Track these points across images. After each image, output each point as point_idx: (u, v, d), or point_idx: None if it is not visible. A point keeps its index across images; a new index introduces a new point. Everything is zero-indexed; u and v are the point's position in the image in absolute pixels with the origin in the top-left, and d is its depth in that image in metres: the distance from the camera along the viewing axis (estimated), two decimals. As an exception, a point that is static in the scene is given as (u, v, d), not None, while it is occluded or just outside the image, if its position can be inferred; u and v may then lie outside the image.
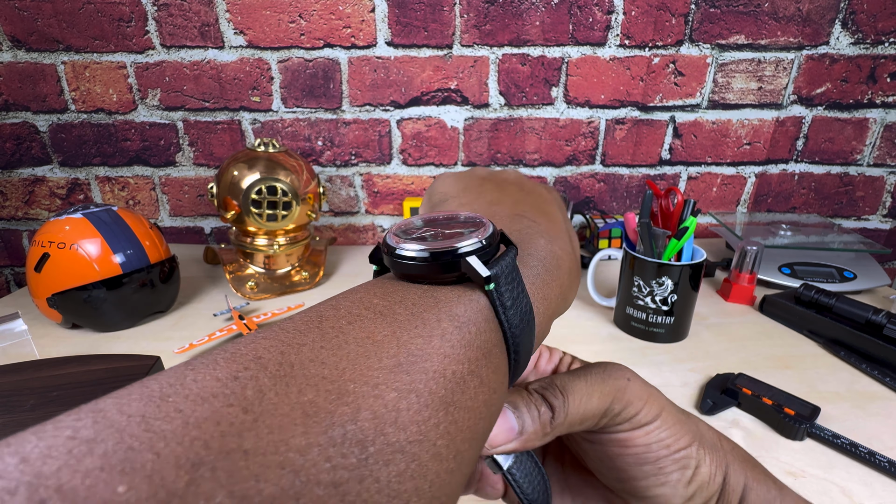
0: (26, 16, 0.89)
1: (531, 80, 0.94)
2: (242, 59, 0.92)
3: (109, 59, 0.92)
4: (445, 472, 0.15)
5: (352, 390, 0.14)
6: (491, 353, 0.19)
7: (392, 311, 0.18)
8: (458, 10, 0.90)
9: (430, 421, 0.15)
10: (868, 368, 0.61)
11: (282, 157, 0.81)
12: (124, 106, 0.95)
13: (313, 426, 0.12)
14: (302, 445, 0.11)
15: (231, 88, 0.94)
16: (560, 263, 0.23)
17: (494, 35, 0.91)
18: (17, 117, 0.95)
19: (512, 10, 0.90)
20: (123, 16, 0.90)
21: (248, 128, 0.97)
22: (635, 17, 0.91)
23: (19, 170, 0.99)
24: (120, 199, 1.03)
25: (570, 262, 0.24)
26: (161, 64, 0.92)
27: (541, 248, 0.23)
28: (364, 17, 0.90)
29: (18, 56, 0.92)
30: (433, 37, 0.91)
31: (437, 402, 0.15)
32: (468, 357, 0.17)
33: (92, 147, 0.98)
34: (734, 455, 0.26)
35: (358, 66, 0.93)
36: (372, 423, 0.13)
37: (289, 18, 0.90)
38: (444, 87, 0.95)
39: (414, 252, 0.20)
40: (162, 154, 0.99)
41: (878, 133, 0.99)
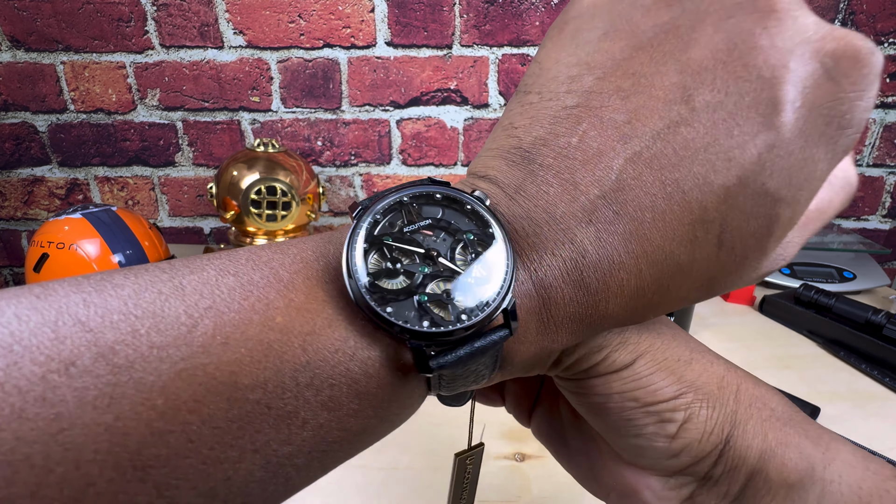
0: (25, 16, 0.89)
1: (531, 80, 0.94)
2: (242, 59, 0.92)
3: (109, 59, 0.92)
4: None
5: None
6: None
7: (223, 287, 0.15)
8: (457, 11, 0.90)
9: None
10: (867, 368, 0.61)
11: (281, 158, 0.81)
12: (123, 106, 0.95)
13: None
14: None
15: (230, 88, 0.94)
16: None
17: (494, 35, 0.91)
18: (17, 117, 0.95)
19: (511, 10, 0.90)
20: (123, 16, 0.90)
21: (247, 128, 0.97)
22: (635, 18, 0.91)
23: (18, 170, 0.99)
24: (119, 200, 1.03)
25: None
26: (160, 64, 0.92)
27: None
28: (364, 18, 0.90)
29: (18, 56, 0.91)
30: (433, 37, 0.91)
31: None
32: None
33: (91, 147, 0.98)
34: (752, 413, 0.22)
35: (357, 66, 0.93)
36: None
37: (288, 18, 0.90)
38: (443, 88, 0.95)
39: (357, 290, 0.16)
40: (161, 154, 0.99)
41: (877, 133, 0.99)
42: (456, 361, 0.16)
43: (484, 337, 0.17)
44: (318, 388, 0.15)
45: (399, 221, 0.18)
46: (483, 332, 0.17)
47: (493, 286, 0.17)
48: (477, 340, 0.17)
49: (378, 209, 0.18)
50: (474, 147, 0.99)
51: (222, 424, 0.14)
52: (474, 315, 0.16)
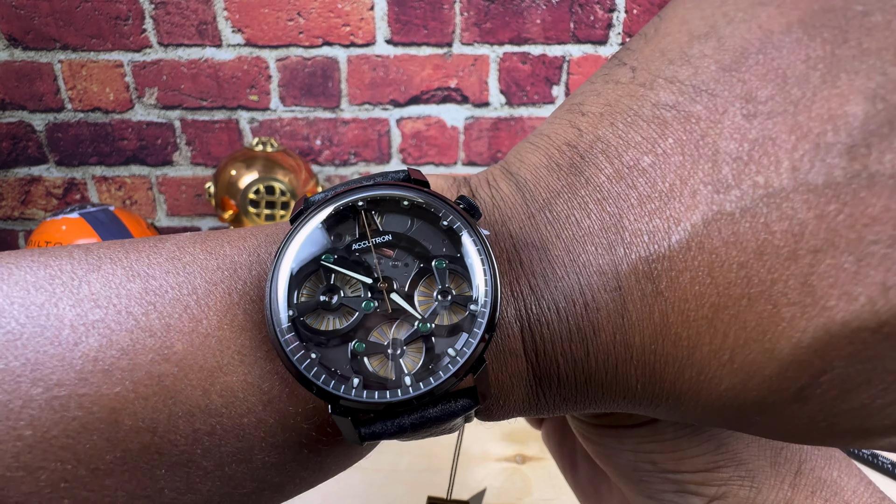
0: (23, 14, 0.89)
1: (532, 78, 0.94)
2: (240, 57, 0.92)
3: (106, 57, 0.91)
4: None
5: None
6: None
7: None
8: (458, 8, 0.89)
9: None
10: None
11: (280, 157, 0.81)
12: (121, 105, 0.95)
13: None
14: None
15: (229, 87, 0.94)
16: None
17: (495, 33, 0.91)
18: (13, 116, 0.95)
19: (512, 7, 0.89)
20: (121, 14, 0.89)
21: (245, 127, 0.97)
22: (637, 16, 0.90)
23: (15, 169, 0.98)
24: (117, 199, 1.02)
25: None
26: (158, 63, 0.92)
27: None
28: (363, 16, 0.89)
29: (15, 55, 0.91)
30: (433, 35, 0.91)
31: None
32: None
33: (89, 146, 0.97)
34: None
35: (357, 64, 0.92)
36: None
37: (287, 16, 0.90)
38: (443, 86, 0.94)
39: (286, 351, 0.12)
40: (159, 153, 0.98)
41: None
42: (396, 433, 0.13)
43: (440, 405, 0.13)
44: (222, 438, 0.12)
45: (349, 234, 0.14)
46: (440, 398, 0.13)
47: (460, 341, 0.12)
48: (429, 409, 0.13)
49: (325, 215, 0.14)
50: (475, 146, 0.98)
51: (102, 466, 0.11)
52: (424, 382, 0.12)
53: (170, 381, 0.12)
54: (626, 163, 0.13)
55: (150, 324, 0.12)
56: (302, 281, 0.13)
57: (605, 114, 0.14)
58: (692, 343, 0.12)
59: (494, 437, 0.51)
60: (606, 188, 0.13)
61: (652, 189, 0.12)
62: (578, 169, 0.13)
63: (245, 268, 0.14)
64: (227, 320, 0.13)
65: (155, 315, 0.12)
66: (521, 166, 0.15)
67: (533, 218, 0.14)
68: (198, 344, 0.12)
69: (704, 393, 0.12)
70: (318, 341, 0.13)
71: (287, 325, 0.12)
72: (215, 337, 0.13)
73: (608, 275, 0.13)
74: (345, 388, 0.12)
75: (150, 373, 0.12)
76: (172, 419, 0.12)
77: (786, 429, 0.13)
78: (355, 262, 0.13)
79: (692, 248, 0.12)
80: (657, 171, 0.12)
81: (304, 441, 0.13)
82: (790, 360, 0.11)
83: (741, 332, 0.12)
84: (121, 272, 0.13)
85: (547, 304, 0.13)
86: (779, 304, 0.11)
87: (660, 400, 0.13)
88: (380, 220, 0.14)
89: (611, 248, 0.13)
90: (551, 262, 0.13)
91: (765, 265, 0.11)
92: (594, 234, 0.13)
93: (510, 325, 0.13)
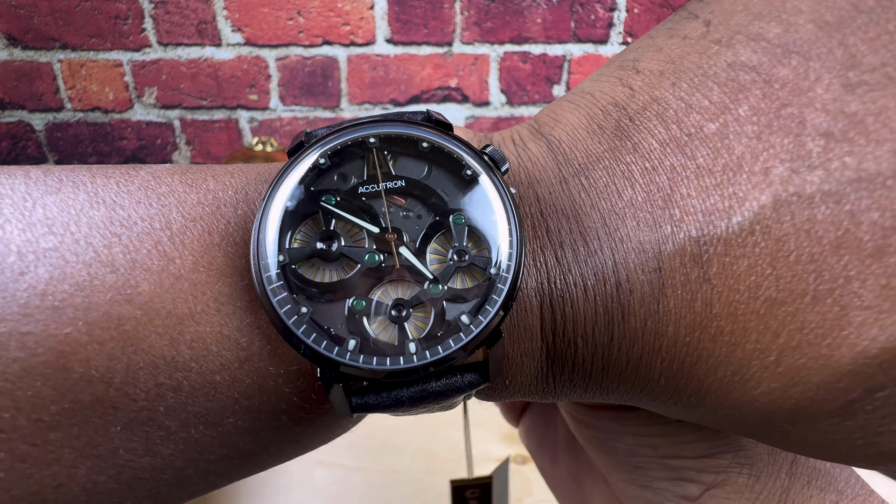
0: (23, 14, 0.88)
1: (533, 78, 0.94)
2: (240, 56, 0.92)
3: (106, 57, 0.91)
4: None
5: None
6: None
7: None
8: (458, 7, 0.89)
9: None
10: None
11: (280, 156, 0.80)
12: (121, 104, 0.95)
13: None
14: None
15: (228, 86, 0.93)
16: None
17: (495, 32, 0.91)
18: (13, 116, 0.95)
19: (513, 6, 0.89)
20: (120, 13, 0.89)
21: (245, 126, 0.96)
22: (638, 15, 0.90)
23: (15, 169, 0.98)
24: (117, 199, 1.02)
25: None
26: (158, 62, 0.92)
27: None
28: (363, 15, 0.89)
29: (14, 54, 0.91)
30: (433, 34, 0.90)
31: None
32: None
33: (88, 146, 0.97)
34: (811, 494, 0.16)
35: (357, 63, 0.92)
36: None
37: (287, 16, 0.89)
38: (444, 86, 0.94)
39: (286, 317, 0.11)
40: (158, 153, 0.98)
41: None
42: (391, 406, 0.11)
43: (444, 378, 0.11)
44: (189, 396, 0.11)
45: (356, 174, 0.12)
46: (446, 371, 0.11)
47: (474, 311, 0.11)
48: (432, 382, 0.11)
49: (328, 148, 0.12)
50: (475, 146, 0.98)
51: (46, 418, 0.10)
52: (431, 350, 0.11)
53: (131, 326, 0.10)
54: (686, 129, 0.11)
55: (113, 258, 0.10)
56: (297, 224, 0.11)
57: (665, 72, 0.12)
58: (735, 339, 0.11)
59: (494, 438, 0.51)
60: (657, 156, 0.11)
61: (714, 161, 0.11)
62: (626, 133, 0.12)
63: (230, 205, 0.12)
64: (203, 262, 0.11)
65: (119, 248, 0.11)
66: (555, 126, 0.13)
67: (566, 183, 0.12)
68: (167, 286, 0.11)
69: (736, 395, 0.11)
70: (310, 294, 0.11)
71: (276, 272, 0.11)
72: (189, 280, 0.11)
73: (648, 253, 0.11)
74: (339, 351, 0.10)
75: (108, 314, 0.10)
76: (132, 370, 0.10)
77: (815, 443, 0.12)
78: (361, 208, 0.11)
79: (756, 232, 0.10)
80: (723, 141, 0.10)
81: (283, 407, 0.12)
82: (847, 371, 0.10)
83: (796, 334, 0.10)
84: (83, 197, 0.11)
85: (574, 280, 0.11)
86: (848, 307, 0.10)
87: (680, 397, 0.12)
88: (392, 163, 0.12)
89: (655, 225, 0.11)
90: (583, 234, 0.11)
91: (841, 260, 0.10)
92: (637, 206, 0.11)
93: (529, 297, 0.12)
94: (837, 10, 0.10)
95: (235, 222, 0.12)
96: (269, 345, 0.11)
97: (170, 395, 0.11)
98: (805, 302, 0.10)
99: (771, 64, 0.10)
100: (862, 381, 0.10)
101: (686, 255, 0.11)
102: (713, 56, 0.11)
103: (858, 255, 0.10)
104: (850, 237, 0.10)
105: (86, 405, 0.10)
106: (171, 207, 0.11)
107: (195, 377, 0.11)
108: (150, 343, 0.10)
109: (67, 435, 0.10)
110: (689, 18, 0.12)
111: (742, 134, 0.10)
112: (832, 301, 0.10)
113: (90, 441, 0.10)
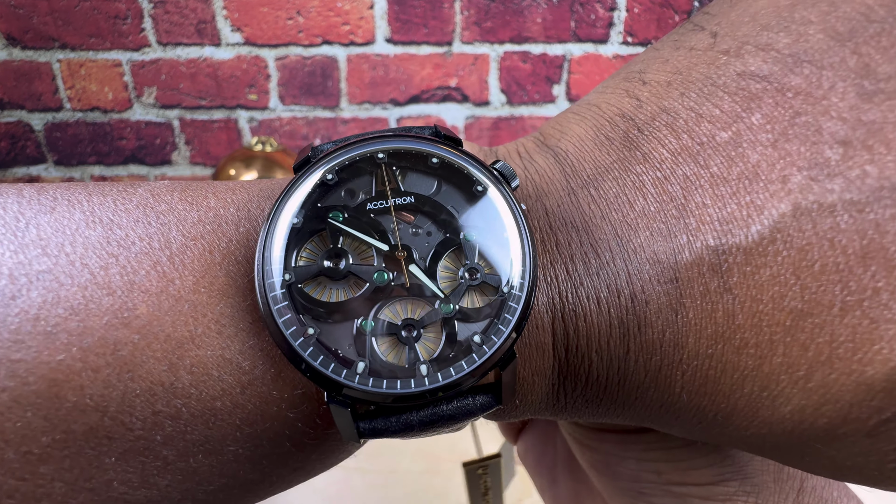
0: (22, 13, 0.88)
1: (533, 77, 0.93)
2: (239, 56, 0.91)
3: (105, 56, 0.91)
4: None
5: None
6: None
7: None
8: (458, 7, 0.89)
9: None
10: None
11: (279, 157, 0.80)
12: (120, 104, 0.94)
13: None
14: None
15: (228, 86, 0.93)
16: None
17: (495, 32, 0.90)
18: (12, 116, 0.95)
19: (513, 6, 0.89)
20: (119, 13, 0.89)
21: (244, 126, 0.96)
22: (638, 14, 0.90)
23: (14, 169, 0.98)
24: (116, 199, 1.02)
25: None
26: (157, 62, 0.92)
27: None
28: (363, 14, 0.89)
29: (14, 54, 0.91)
30: (433, 34, 0.90)
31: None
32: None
33: (87, 146, 0.97)
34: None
35: (356, 63, 0.92)
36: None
37: (286, 15, 0.89)
38: (444, 85, 0.94)
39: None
40: (158, 153, 0.98)
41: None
42: (401, 431, 0.11)
43: (455, 402, 0.11)
44: (188, 424, 0.10)
45: (363, 190, 0.11)
46: (458, 393, 0.11)
47: (486, 331, 0.11)
48: (442, 405, 0.11)
49: (336, 164, 0.12)
50: (475, 146, 0.98)
51: (37, 450, 0.09)
52: (443, 373, 0.10)
53: (128, 351, 0.10)
54: (698, 138, 0.11)
55: (110, 279, 0.10)
56: (302, 241, 0.11)
57: (673, 83, 0.11)
58: (761, 352, 0.10)
59: (494, 438, 0.51)
60: (669, 166, 0.11)
61: (728, 170, 0.10)
62: (634, 143, 0.11)
63: (231, 223, 0.11)
64: (205, 282, 0.11)
65: (116, 269, 0.10)
66: (561, 138, 0.13)
67: (574, 195, 0.12)
68: (166, 308, 0.10)
69: (764, 412, 0.11)
70: (316, 314, 0.10)
71: (281, 292, 0.10)
72: (189, 301, 0.10)
73: (664, 264, 0.11)
74: (347, 374, 0.10)
75: (104, 339, 0.10)
76: (128, 397, 0.10)
77: (846, 465, 0.11)
78: (369, 225, 0.11)
79: (777, 241, 0.10)
80: (737, 149, 0.10)
81: (286, 433, 0.11)
82: (882, 388, 0.10)
83: (825, 347, 0.10)
84: (79, 216, 0.11)
85: (586, 293, 0.11)
86: (879, 320, 0.09)
87: (705, 415, 0.12)
88: (401, 179, 0.12)
89: (670, 235, 0.11)
90: (594, 246, 0.11)
91: (868, 270, 0.09)
92: (650, 217, 0.11)
93: (540, 314, 0.11)
94: (848, 21, 0.10)
95: (237, 240, 0.11)
96: (272, 368, 0.11)
97: (168, 423, 0.10)
98: (833, 314, 0.10)
99: (782, 73, 0.10)
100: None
101: (704, 264, 0.10)
102: (722, 66, 0.11)
103: (886, 266, 0.09)
104: (875, 247, 0.09)
105: (79, 436, 0.10)
106: (171, 226, 0.11)
107: (195, 404, 0.10)
108: (147, 369, 0.10)
109: (59, 468, 0.10)
110: (696, 30, 0.12)
111: (756, 142, 0.10)
112: (861, 313, 0.10)
113: (83, 474, 0.10)
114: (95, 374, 0.10)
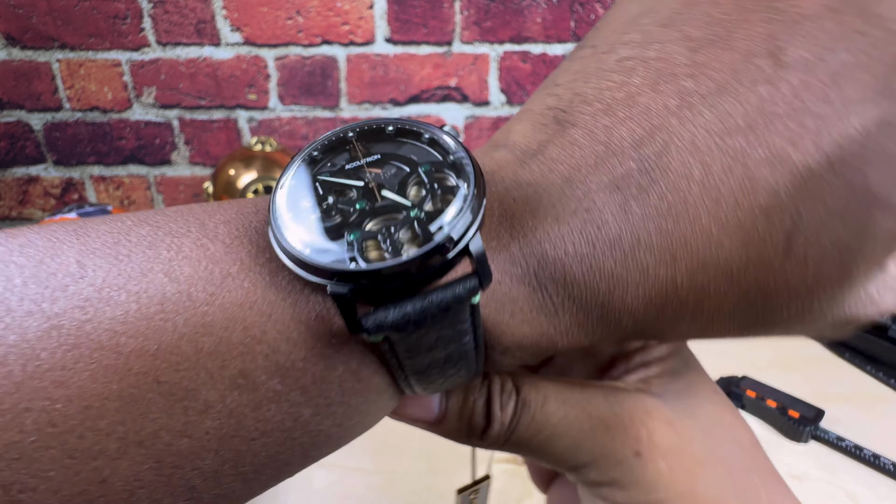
0: (21, 13, 0.88)
1: (533, 77, 0.94)
2: (239, 56, 0.91)
3: (104, 56, 0.91)
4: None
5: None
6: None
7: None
8: (458, 7, 0.89)
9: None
10: (873, 370, 0.60)
11: (279, 157, 0.80)
12: (119, 104, 0.94)
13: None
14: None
15: (227, 86, 0.93)
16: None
17: (495, 32, 0.90)
18: (11, 116, 0.94)
19: (513, 6, 0.89)
20: (119, 13, 0.89)
21: (244, 126, 0.96)
22: (637, 15, 0.90)
23: (13, 169, 0.98)
24: (115, 199, 1.02)
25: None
26: (157, 62, 0.92)
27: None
28: (362, 14, 0.89)
29: (13, 54, 0.91)
30: (433, 34, 0.90)
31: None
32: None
33: (87, 146, 0.97)
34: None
35: (356, 63, 0.92)
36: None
37: (286, 15, 0.89)
38: (443, 85, 0.94)
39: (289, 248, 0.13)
40: (157, 153, 0.98)
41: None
42: (401, 319, 0.12)
43: (443, 289, 0.13)
44: (226, 358, 0.12)
45: (341, 159, 0.15)
46: (441, 268, 0.13)
47: (449, 217, 0.13)
48: (431, 294, 0.13)
49: (315, 146, 0.15)
50: (475, 146, 0.98)
51: (97, 403, 0.10)
52: (422, 247, 0.12)
53: (175, 298, 0.11)
54: (605, 102, 0.15)
55: (158, 253, 0.12)
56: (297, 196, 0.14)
57: (577, 78, 0.16)
58: (693, 214, 0.14)
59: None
60: (591, 123, 0.15)
61: (629, 111, 0.15)
62: (562, 120, 0.15)
63: (251, 213, 0.14)
64: (233, 248, 0.13)
65: (163, 246, 0.12)
66: (507, 136, 0.17)
67: (526, 165, 0.15)
68: (204, 265, 0.12)
69: (716, 254, 0.14)
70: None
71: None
72: (221, 259, 0.13)
73: (605, 181, 0.14)
74: (335, 260, 0.12)
75: (154, 294, 0.11)
76: (174, 337, 0.11)
77: (771, 290, 0.14)
78: (346, 175, 0.15)
79: (674, 140, 0.14)
80: (630, 99, 0.15)
81: (308, 359, 0.13)
82: (781, 207, 0.13)
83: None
84: (129, 222, 0.13)
85: (546, 218, 0.14)
86: (759, 160, 0.13)
87: (675, 289, 0.14)
88: (370, 146, 0.15)
89: (602, 162, 0.14)
90: (546, 188, 0.15)
91: (739, 131, 0.13)
92: (586, 157, 0.15)
93: (510, 246, 0.14)
94: (664, 15, 0.15)
95: (256, 223, 0.14)
96: (289, 297, 0.13)
97: (208, 360, 0.12)
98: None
99: (642, 52, 0.15)
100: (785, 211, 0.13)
101: (622, 176, 0.14)
102: (604, 60, 0.16)
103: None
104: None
105: (131, 382, 0.11)
106: (203, 217, 0.14)
107: (229, 336, 0.12)
108: (191, 311, 0.12)
109: (113, 421, 0.10)
110: (582, 48, 0.17)
111: (642, 93, 0.15)
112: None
113: (134, 425, 0.11)
114: (149, 319, 0.11)
